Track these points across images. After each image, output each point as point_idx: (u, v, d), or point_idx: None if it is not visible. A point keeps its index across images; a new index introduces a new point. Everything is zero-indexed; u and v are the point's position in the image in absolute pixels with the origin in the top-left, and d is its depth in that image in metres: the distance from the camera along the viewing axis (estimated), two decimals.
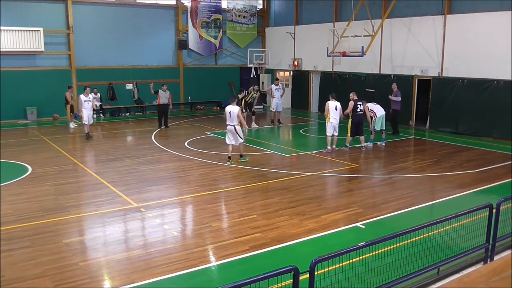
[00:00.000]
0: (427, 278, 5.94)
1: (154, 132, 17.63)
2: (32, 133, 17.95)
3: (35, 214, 8.65)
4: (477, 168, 12.31)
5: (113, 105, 22.44)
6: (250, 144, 15.37)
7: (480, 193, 10.23)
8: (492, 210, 6.36)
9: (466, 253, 6.36)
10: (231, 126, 12.32)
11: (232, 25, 25.78)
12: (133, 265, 6.60)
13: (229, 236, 7.71)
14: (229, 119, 12.33)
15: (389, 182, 11.07)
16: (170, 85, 21.68)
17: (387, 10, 19.08)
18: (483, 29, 16.73)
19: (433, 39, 18.34)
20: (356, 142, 14.92)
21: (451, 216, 6.06)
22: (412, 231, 5.62)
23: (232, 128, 12.32)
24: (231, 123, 12.30)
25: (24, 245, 7.25)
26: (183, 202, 9.73)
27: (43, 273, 6.29)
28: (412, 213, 8.91)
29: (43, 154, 13.91)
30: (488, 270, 4.82)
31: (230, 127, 12.35)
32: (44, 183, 10.77)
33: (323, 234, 7.75)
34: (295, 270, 4.24)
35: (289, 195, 9.93)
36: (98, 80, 21.91)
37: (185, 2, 24.16)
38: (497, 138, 16.41)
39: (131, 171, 11.93)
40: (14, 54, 19.72)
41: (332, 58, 21.66)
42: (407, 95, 19.49)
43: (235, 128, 12.27)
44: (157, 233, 7.85)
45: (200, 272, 6.40)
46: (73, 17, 20.99)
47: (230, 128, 12.36)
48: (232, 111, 12.26)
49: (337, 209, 9.02)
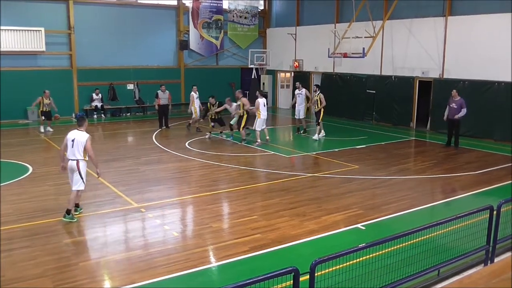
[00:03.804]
0: (428, 280, 5.94)
1: (154, 133, 17.64)
2: (33, 133, 17.95)
3: (36, 214, 8.65)
4: (478, 170, 12.30)
5: (114, 105, 22.45)
6: (250, 144, 15.38)
7: (481, 195, 10.21)
8: (493, 212, 6.36)
9: (466, 255, 6.35)
10: (73, 160, 8.31)
11: (233, 25, 25.79)
12: (133, 265, 6.60)
13: (229, 236, 7.71)
14: (70, 150, 8.32)
15: (390, 184, 11.06)
16: (171, 86, 21.74)
17: (388, 11, 19.08)
18: (484, 31, 16.72)
19: (434, 40, 18.34)
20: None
21: (451, 218, 6.06)
22: (413, 233, 5.62)
23: (73, 163, 8.31)
24: (73, 157, 8.31)
25: (25, 245, 7.25)
26: (183, 202, 9.73)
27: (43, 273, 6.30)
28: (412, 214, 8.90)
29: (43, 154, 13.92)
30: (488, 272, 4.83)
31: (71, 162, 8.33)
32: (44, 183, 10.77)
33: (324, 235, 7.75)
34: (295, 271, 4.24)
35: (290, 196, 9.92)
36: (99, 80, 21.93)
37: (186, 3, 24.17)
38: (498, 140, 16.39)
39: (131, 172, 11.93)
40: (16, 54, 19.73)
41: (333, 59, 21.71)
42: (408, 97, 19.54)
43: (77, 163, 8.30)
44: (158, 234, 7.85)
45: (200, 273, 6.40)
46: (74, 17, 21.00)
47: (71, 165, 8.34)
48: (77, 139, 8.32)
49: (338, 210, 9.02)
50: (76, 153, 8.28)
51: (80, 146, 8.26)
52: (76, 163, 8.28)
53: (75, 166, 8.28)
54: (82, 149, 8.28)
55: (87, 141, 8.29)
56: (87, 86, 21.65)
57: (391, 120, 20.25)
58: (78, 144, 8.26)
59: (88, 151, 8.32)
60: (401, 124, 19.80)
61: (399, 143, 16.41)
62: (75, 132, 8.39)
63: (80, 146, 8.26)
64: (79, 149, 8.27)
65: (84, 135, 8.36)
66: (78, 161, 8.29)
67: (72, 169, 8.33)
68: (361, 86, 21.36)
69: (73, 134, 8.38)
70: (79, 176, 8.33)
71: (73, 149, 8.28)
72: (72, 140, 8.31)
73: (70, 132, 8.46)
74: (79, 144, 8.26)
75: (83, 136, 8.33)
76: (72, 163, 8.31)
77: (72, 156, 8.29)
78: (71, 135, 8.38)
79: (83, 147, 8.27)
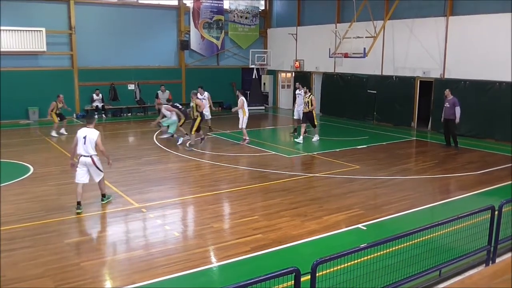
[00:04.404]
0: (429, 280, 5.93)
1: (155, 133, 17.63)
2: (34, 133, 17.97)
3: (37, 214, 8.66)
4: (479, 170, 12.29)
5: (115, 106, 22.46)
6: (251, 144, 15.37)
7: (482, 195, 10.21)
8: (494, 212, 6.34)
9: (468, 255, 6.34)
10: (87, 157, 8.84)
11: (234, 26, 25.80)
12: (134, 265, 6.60)
13: (230, 237, 7.70)
14: (83, 147, 8.81)
15: (391, 184, 11.05)
16: (171, 86, 21.74)
17: (389, 11, 19.08)
18: (485, 30, 16.70)
19: (435, 40, 18.33)
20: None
21: (453, 218, 6.05)
22: (414, 233, 5.61)
23: (88, 159, 8.85)
24: (86, 153, 8.82)
25: (26, 245, 7.25)
26: (184, 202, 9.73)
27: (44, 273, 6.30)
28: (413, 215, 8.90)
29: (45, 154, 13.93)
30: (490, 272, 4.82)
31: (84, 158, 8.84)
32: (45, 183, 10.78)
33: (325, 236, 7.74)
34: (296, 271, 4.24)
35: (291, 196, 9.92)
36: (100, 80, 21.93)
37: (187, 3, 24.18)
38: (499, 140, 16.37)
39: (132, 172, 11.93)
40: (17, 54, 19.74)
41: (334, 59, 21.70)
42: (409, 97, 19.52)
43: (92, 159, 8.87)
44: (158, 234, 7.85)
45: (201, 273, 6.40)
46: (75, 17, 21.01)
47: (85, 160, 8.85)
48: (88, 137, 8.82)
49: (339, 210, 9.01)
50: (89, 149, 8.78)
51: (92, 143, 8.76)
52: (91, 158, 8.81)
53: (91, 162, 8.83)
54: (94, 145, 8.79)
55: (98, 138, 8.79)
56: (88, 86, 21.66)
57: (392, 120, 20.23)
58: (90, 141, 8.75)
59: (99, 146, 8.81)
60: (402, 124, 19.78)
61: (400, 143, 16.40)
62: (85, 130, 8.86)
63: (92, 142, 8.76)
64: (92, 145, 8.77)
65: (95, 132, 8.85)
66: (92, 157, 8.83)
67: (88, 164, 8.85)
68: (362, 86, 21.35)
69: (84, 131, 8.85)
70: (96, 168, 8.93)
71: (85, 146, 8.77)
72: (83, 138, 8.78)
73: (80, 130, 8.92)
74: (91, 141, 8.75)
75: (94, 133, 8.82)
76: (87, 159, 8.80)
77: (86, 152, 8.78)
78: (82, 133, 8.83)
79: (94, 143, 8.77)
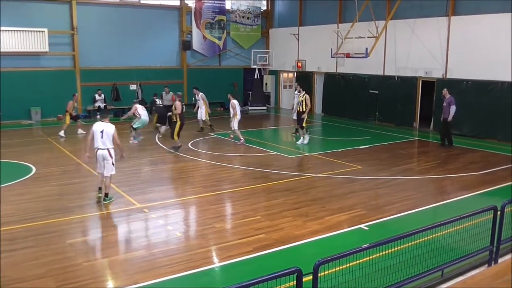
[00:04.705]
0: (431, 280, 5.92)
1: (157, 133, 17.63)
2: (36, 134, 18.00)
3: (39, 214, 8.66)
4: (481, 170, 12.26)
5: (117, 106, 22.47)
6: (253, 144, 15.37)
7: (484, 195, 10.19)
8: (497, 212, 6.32)
9: (470, 255, 6.33)
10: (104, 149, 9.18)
11: (236, 26, 25.81)
12: (136, 265, 6.61)
13: (232, 237, 7.71)
14: (100, 140, 9.15)
15: (393, 184, 11.04)
16: (173, 86, 21.73)
17: (391, 11, 19.07)
18: (487, 30, 16.67)
19: (437, 40, 18.30)
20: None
21: (455, 218, 6.03)
22: (416, 233, 5.60)
23: (105, 152, 9.18)
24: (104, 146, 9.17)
25: (28, 245, 7.26)
26: (186, 203, 9.73)
27: (46, 273, 6.31)
28: (416, 215, 8.88)
29: (47, 154, 13.95)
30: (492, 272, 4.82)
31: (101, 151, 9.18)
32: (48, 183, 10.79)
33: (327, 236, 7.74)
34: (298, 272, 4.23)
35: (293, 196, 9.91)
36: (102, 80, 21.95)
37: (189, 3, 24.20)
38: (501, 140, 16.34)
39: (134, 172, 11.95)
40: (19, 54, 19.77)
41: (336, 59, 21.69)
42: (411, 97, 19.50)
43: (109, 151, 9.22)
44: (161, 234, 7.86)
45: (203, 273, 6.40)
46: (77, 18, 21.04)
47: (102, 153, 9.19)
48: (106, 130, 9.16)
49: (341, 210, 9.00)
50: (107, 142, 9.12)
51: (110, 136, 9.13)
52: (108, 151, 9.14)
53: (107, 155, 9.15)
54: (111, 138, 9.15)
55: (114, 131, 9.18)
56: (90, 87, 21.67)
57: (394, 120, 20.21)
58: (107, 134, 9.10)
59: (116, 140, 9.19)
60: (404, 125, 19.76)
61: (402, 144, 16.37)
62: (102, 124, 9.22)
63: (109, 136, 9.12)
64: (109, 138, 9.13)
65: (111, 126, 9.21)
66: (109, 150, 9.16)
67: (104, 157, 9.15)
68: (364, 86, 21.33)
69: (100, 125, 9.19)
70: (111, 162, 9.21)
71: (103, 140, 9.11)
72: (100, 132, 9.10)
73: (95, 124, 9.28)
74: (108, 134, 9.11)
75: (111, 127, 9.18)
76: (104, 152, 9.14)
77: (103, 145, 9.12)
78: (99, 127, 9.16)
79: (112, 136, 9.13)
